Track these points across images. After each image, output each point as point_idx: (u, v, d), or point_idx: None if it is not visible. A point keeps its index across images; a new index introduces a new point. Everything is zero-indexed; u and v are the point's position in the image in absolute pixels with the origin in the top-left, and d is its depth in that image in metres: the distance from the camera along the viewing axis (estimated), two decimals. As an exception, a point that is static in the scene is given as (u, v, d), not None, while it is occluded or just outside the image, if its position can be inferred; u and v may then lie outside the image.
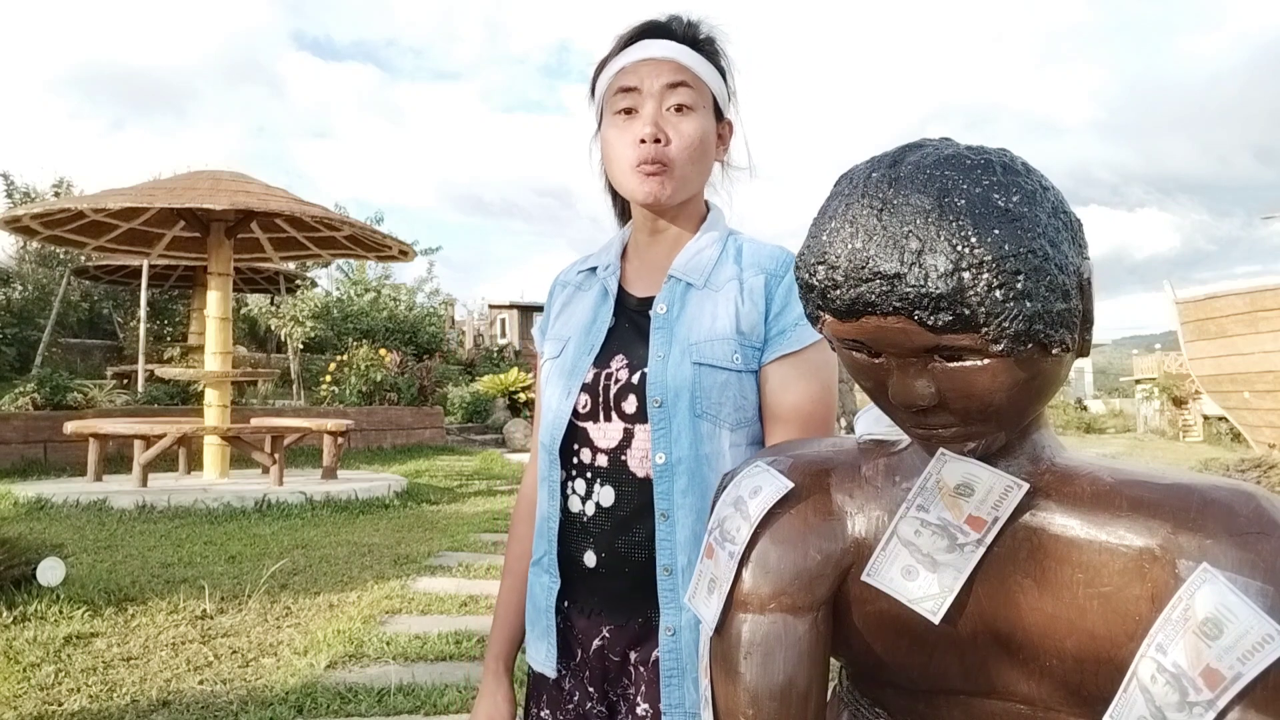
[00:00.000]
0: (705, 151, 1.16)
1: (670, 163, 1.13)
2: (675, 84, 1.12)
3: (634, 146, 1.13)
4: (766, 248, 1.18)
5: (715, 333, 1.12)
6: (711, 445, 1.10)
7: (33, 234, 9.03)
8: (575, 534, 1.17)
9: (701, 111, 1.15)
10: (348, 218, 9.53)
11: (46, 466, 9.52)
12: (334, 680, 3.33)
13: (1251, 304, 11.87)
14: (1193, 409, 25.01)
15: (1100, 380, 49.12)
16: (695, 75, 1.14)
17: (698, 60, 1.15)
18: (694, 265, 1.17)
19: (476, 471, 11.16)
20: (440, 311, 22.52)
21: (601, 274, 1.24)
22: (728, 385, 1.10)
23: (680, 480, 1.09)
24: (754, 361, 1.12)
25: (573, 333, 1.22)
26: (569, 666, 1.18)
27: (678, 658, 1.08)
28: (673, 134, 1.13)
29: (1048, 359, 0.66)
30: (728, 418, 1.11)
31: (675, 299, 1.15)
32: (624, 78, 1.14)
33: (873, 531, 0.81)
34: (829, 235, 0.67)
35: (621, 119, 1.14)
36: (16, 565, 4.29)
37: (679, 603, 1.08)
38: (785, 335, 1.12)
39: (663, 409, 1.10)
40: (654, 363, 1.12)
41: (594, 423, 1.15)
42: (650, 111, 1.12)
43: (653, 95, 1.12)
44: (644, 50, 1.14)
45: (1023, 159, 0.68)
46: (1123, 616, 0.69)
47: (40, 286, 16.90)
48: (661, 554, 1.10)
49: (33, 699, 3.09)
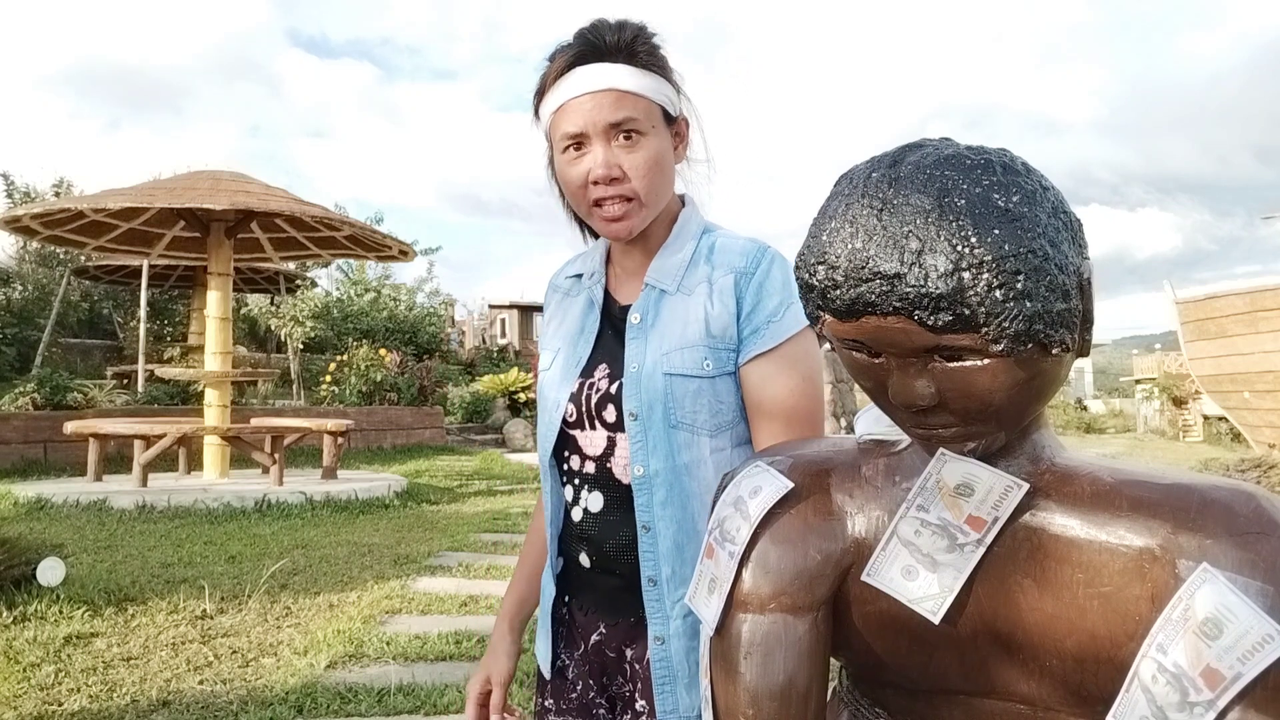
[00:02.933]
0: (664, 170, 1.14)
1: (633, 195, 1.11)
2: (619, 121, 1.09)
3: (590, 186, 1.11)
4: (737, 243, 1.16)
5: (686, 340, 1.11)
6: (690, 454, 1.10)
7: (33, 234, 9.03)
8: (573, 536, 1.21)
9: (652, 132, 1.12)
10: (348, 218, 9.52)
11: (46, 466, 9.52)
12: (334, 680, 3.33)
13: (1251, 304, 11.86)
14: (1193, 409, 25.01)
15: (1100, 380, 49.11)
16: (637, 96, 1.10)
17: (635, 77, 1.10)
18: (667, 270, 1.16)
19: (476, 471, 11.15)
20: (440, 311, 22.52)
21: (587, 282, 1.25)
22: (701, 393, 1.10)
23: (659, 492, 1.10)
24: (728, 364, 1.12)
25: (562, 343, 1.24)
26: (573, 657, 1.23)
27: (668, 665, 1.10)
28: (628, 168, 1.10)
29: (1048, 359, 0.66)
30: (704, 424, 1.11)
31: (650, 307, 1.16)
32: (566, 120, 1.11)
33: (873, 531, 0.81)
34: (829, 235, 0.67)
35: (572, 155, 1.12)
36: (16, 565, 4.29)
37: (665, 612, 1.10)
38: (759, 334, 1.11)
39: (638, 421, 1.11)
40: (628, 374, 1.13)
41: (581, 430, 1.18)
42: (600, 152, 1.09)
43: (598, 132, 1.09)
44: (580, 83, 1.10)
45: (1023, 159, 0.68)
46: (1123, 616, 0.69)
47: (40, 286, 16.90)
48: (645, 565, 1.11)
49: (33, 699, 3.09)
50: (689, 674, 1.10)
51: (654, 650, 1.11)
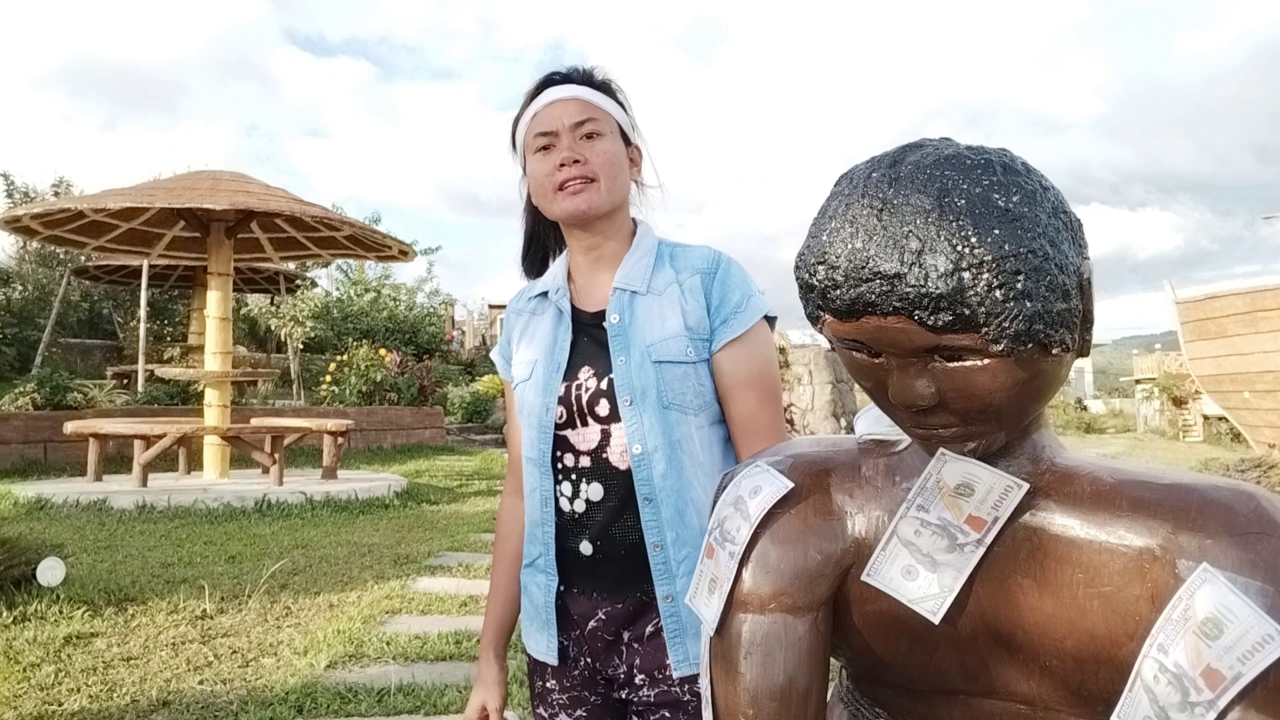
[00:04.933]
0: (621, 166, 1.31)
1: (594, 175, 1.26)
2: (582, 120, 1.28)
3: (555, 172, 1.27)
4: (694, 250, 1.33)
5: (667, 332, 1.25)
6: (681, 431, 1.24)
7: (33, 234, 9.02)
8: (570, 530, 1.28)
9: (610, 136, 1.30)
10: (348, 218, 9.52)
11: (46, 466, 9.52)
12: (334, 680, 3.33)
13: (1251, 304, 11.86)
14: (1193, 409, 25.02)
15: (1100, 380, 49.11)
16: (598, 107, 1.30)
17: (598, 96, 1.31)
18: (634, 275, 1.30)
19: (476, 471, 11.15)
20: (440, 312, 22.52)
21: (553, 297, 1.35)
22: (687, 376, 1.24)
23: (659, 465, 1.22)
24: (704, 352, 1.26)
25: (538, 355, 1.33)
26: (571, 638, 1.31)
27: (678, 620, 1.21)
28: (590, 154, 1.27)
29: (1048, 359, 0.66)
30: (691, 404, 1.25)
31: (625, 308, 1.28)
32: (538, 124, 1.29)
33: (873, 531, 0.81)
34: (829, 235, 0.67)
35: (542, 155, 1.29)
36: (16, 565, 4.29)
37: (671, 572, 1.22)
38: (728, 324, 1.26)
39: (634, 406, 1.23)
40: (618, 367, 1.25)
41: (573, 429, 1.28)
42: (566, 142, 1.27)
43: (565, 130, 1.27)
44: (550, 95, 1.30)
45: (1023, 159, 0.68)
46: (1123, 616, 0.69)
47: (40, 286, 16.90)
48: (650, 533, 1.23)
49: (33, 699, 3.09)
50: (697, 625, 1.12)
51: (664, 609, 1.22)
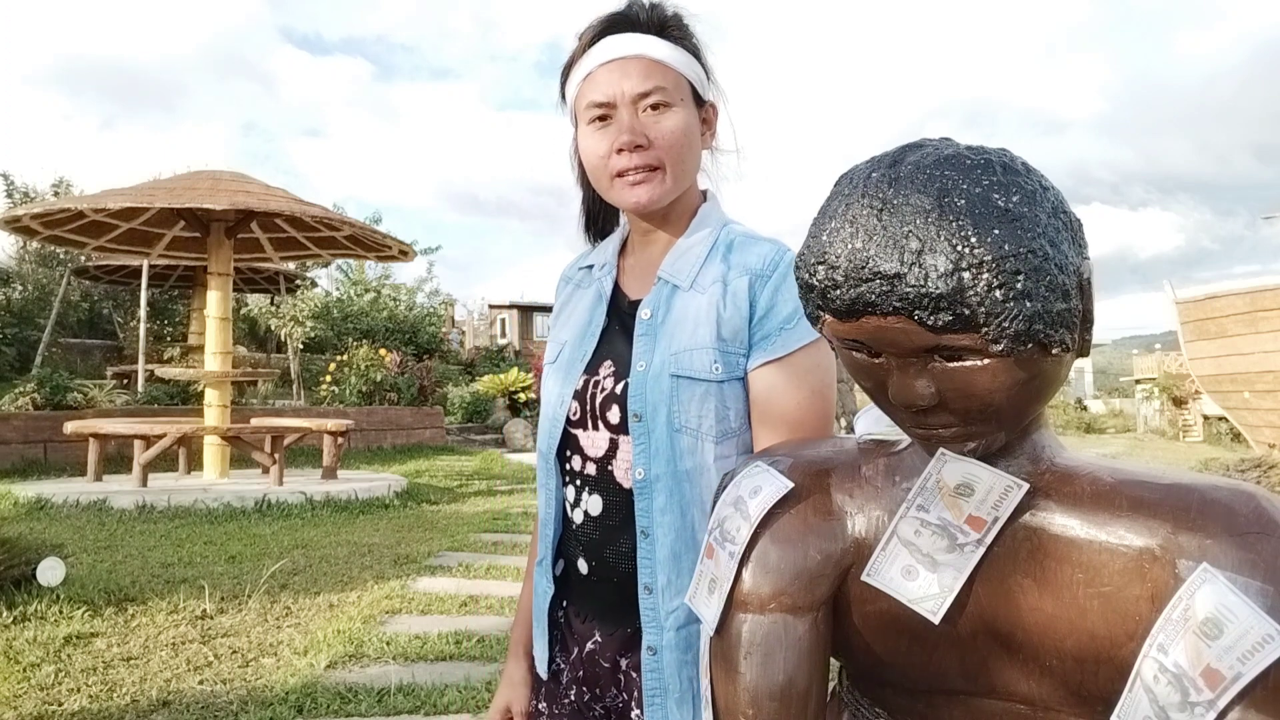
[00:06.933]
0: (691, 144, 1.11)
1: (659, 164, 1.08)
2: (648, 91, 1.07)
3: (613, 156, 1.08)
4: (757, 245, 1.12)
5: (696, 341, 1.07)
6: (693, 460, 1.06)
7: (33, 234, 9.02)
8: (571, 540, 1.17)
9: (680, 105, 1.09)
10: (348, 218, 9.52)
11: (46, 466, 9.52)
12: (334, 680, 3.33)
13: (1251, 304, 11.86)
14: (1193, 409, 25.01)
15: (1100, 380, 49.10)
16: (667, 67, 1.08)
17: (667, 49, 1.08)
18: (681, 266, 1.12)
19: (476, 471, 11.15)
20: (440, 312, 22.52)
21: (597, 273, 1.21)
22: (707, 396, 1.06)
23: (659, 498, 1.07)
24: (738, 369, 1.07)
25: (569, 336, 1.20)
26: (567, 661, 1.19)
27: (660, 678, 1.06)
28: (654, 134, 1.07)
29: (1048, 359, 0.66)
30: (709, 430, 1.06)
31: (661, 303, 1.12)
32: (593, 89, 1.09)
33: (873, 531, 0.80)
34: (829, 235, 0.67)
35: (597, 126, 1.09)
36: (16, 565, 4.29)
37: (660, 622, 1.06)
38: (770, 340, 1.07)
39: (642, 423, 1.07)
40: (635, 373, 1.09)
41: (584, 430, 1.14)
42: (626, 118, 1.07)
43: (626, 102, 1.07)
44: (609, 50, 1.08)
45: (1023, 159, 0.68)
46: (1123, 616, 0.69)
47: (40, 286, 16.90)
48: (642, 572, 1.08)
49: (33, 699, 3.09)
50: (680, 689, 1.05)
51: (646, 661, 1.07)
